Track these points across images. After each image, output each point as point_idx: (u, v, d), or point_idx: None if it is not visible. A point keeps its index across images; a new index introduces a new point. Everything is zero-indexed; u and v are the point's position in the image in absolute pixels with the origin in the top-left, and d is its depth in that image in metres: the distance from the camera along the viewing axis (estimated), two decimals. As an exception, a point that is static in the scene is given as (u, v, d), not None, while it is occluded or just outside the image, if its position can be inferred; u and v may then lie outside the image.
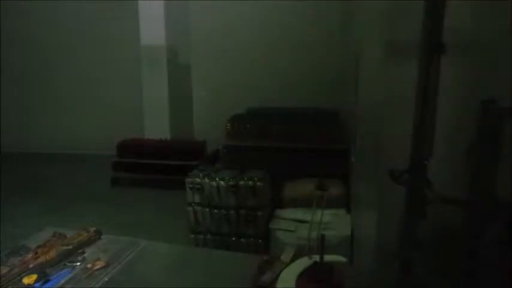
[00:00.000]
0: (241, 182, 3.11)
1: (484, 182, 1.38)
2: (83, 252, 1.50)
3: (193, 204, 3.19)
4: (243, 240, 3.14)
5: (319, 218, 2.82)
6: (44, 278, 1.32)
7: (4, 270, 1.32)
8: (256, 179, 3.12)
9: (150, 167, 4.69)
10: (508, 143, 1.33)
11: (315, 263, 1.38)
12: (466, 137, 1.42)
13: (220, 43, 4.92)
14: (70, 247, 1.48)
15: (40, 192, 4.55)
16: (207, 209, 3.16)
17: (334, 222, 2.91)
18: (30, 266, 1.36)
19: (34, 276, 1.31)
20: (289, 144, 3.79)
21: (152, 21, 4.90)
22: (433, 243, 1.50)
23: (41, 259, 1.39)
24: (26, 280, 1.30)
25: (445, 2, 1.25)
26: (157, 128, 5.07)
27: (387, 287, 1.53)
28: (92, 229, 1.64)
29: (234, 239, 3.15)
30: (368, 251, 1.95)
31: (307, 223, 2.86)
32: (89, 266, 1.42)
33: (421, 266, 1.45)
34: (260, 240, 3.10)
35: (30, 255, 1.41)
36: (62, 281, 1.33)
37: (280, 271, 1.36)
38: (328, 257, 1.38)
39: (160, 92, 5.05)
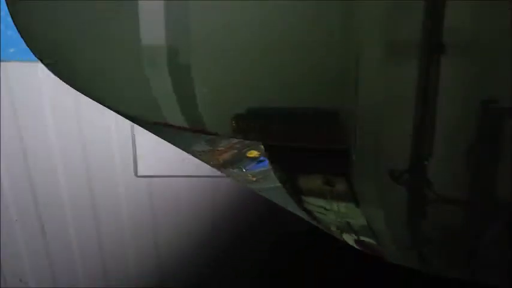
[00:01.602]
0: (241, 182, 3.09)
1: (484, 182, 1.37)
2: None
3: (193, 204, 3.18)
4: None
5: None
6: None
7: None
8: (256, 179, 3.11)
9: (150, 167, 4.68)
10: (508, 143, 1.32)
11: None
12: (466, 137, 1.42)
13: (220, 43, 4.92)
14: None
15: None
16: (207, 209, 3.15)
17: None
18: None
19: (255, 152, 1.28)
20: (289, 144, 3.78)
21: (152, 21, 4.90)
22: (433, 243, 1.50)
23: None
24: (251, 154, 1.28)
25: (445, 2, 1.25)
26: (157, 127, 5.06)
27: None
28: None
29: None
30: (368, 251, 1.94)
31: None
32: None
33: (421, 266, 1.44)
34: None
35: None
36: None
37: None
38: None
39: (161, 92, 5.04)
